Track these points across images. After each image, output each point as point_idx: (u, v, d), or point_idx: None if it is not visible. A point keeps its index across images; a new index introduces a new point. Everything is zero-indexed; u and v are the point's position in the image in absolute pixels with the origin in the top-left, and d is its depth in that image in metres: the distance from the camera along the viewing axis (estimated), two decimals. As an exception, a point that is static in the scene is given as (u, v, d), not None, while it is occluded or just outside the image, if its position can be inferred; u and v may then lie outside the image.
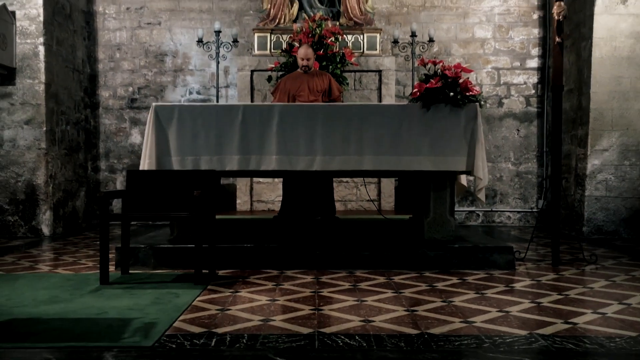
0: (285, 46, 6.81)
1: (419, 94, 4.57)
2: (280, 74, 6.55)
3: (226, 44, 7.36)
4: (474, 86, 4.64)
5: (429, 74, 4.64)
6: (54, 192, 6.84)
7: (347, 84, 6.73)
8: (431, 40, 7.39)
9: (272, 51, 7.13)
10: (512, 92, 8.04)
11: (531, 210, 7.90)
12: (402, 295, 3.60)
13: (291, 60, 6.47)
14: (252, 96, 7.18)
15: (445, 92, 4.50)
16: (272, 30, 7.20)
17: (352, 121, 4.54)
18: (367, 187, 6.92)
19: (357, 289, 3.79)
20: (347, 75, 6.75)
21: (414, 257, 4.52)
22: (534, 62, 8.01)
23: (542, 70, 7.98)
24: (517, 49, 8.02)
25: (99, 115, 8.12)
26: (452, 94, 4.49)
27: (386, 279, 4.11)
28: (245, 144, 4.54)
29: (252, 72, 7.17)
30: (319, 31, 6.54)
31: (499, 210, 8.03)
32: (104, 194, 4.03)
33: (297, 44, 6.46)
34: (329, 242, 4.71)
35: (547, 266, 4.69)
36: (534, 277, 4.23)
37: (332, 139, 4.53)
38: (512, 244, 5.23)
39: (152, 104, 4.70)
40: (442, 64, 4.66)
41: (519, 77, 8.02)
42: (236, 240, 4.74)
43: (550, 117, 7.11)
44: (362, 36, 7.17)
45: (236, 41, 7.33)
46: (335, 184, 6.48)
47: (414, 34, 7.33)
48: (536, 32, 7.98)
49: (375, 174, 5.96)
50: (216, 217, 4.42)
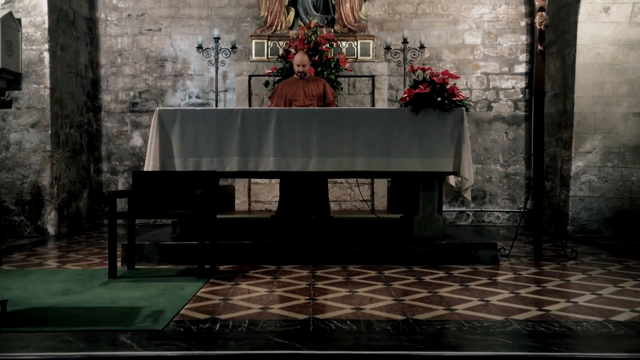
0: (281, 52, 7.07)
1: (408, 99, 4.85)
2: (277, 79, 6.81)
3: (225, 50, 7.62)
4: (460, 91, 4.92)
5: (418, 80, 4.92)
6: (58, 193, 7.09)
7: (342, 88, 7.00)
8: (422, 46, 7.67)
9: (269, 57, 7.39)
10: (500, 97, 8.33)
11: (519, 210, 8.18)
12: (392, 287, 3.87)
13: (287, 65, 6.74)
14: (249, 100, 7.43)
15: (433, 97, 4.78)
16: (269, 36, 7.47)
17: (346, 125, 4.82)
18: (360, 188, 7.18)
19: (349, 281, 4.05)
20: (341, 80, 7.03)
21: (404, 253, 4.79)
22: (521, 68, 8.31)
23: (530, 75, 8.27)
24: (506, 55, 8.31)
25: (101, 118, 8.37)
26: (439, 99, 4.77)
27: (377, 273, 4.37)
28: (244, 146, 4.80)
29: (250, 77, 7.42)
30: (314, 38, 6.81)
31: (489, 210, 8.31)
32: (112, 193, 4.29)
33: (293, 50, 6.72)
34: (324, 240, 4.97)
35: (530, 262, 4.96)
36: (516, 271, 4.50)
37: (326, 142, 4.80)
38: (500, 242, 5.49)
39: (155, 108, 4.98)
40: (431, 70, 4.94)
41: (508, 82, 8.32)
42: (236, 237, 5.00)
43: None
44: (355, 42, 7.44)
45: (234, 47, 7.60)
46: (330, 184, 6.75)
47: (405, 41, 7.62)
48: (524, 38, 8.28)
49: (367, 175, 6.23)
50: (216, 216, 4.68)
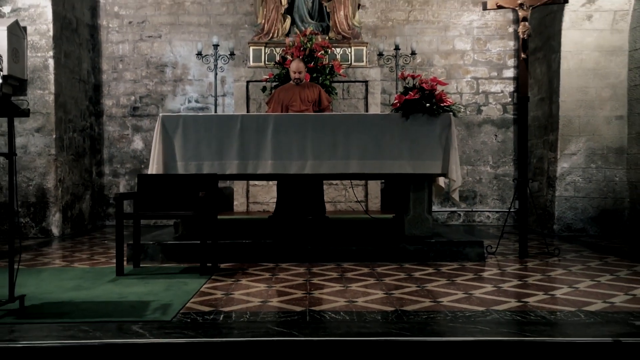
0: (278, 59, 7.33)
1: (399, 104, 5.11)
2: (274, 84, 7.07)
3: (223, 57, 7.88)
4: (448, 97, 5.20)
5: (408, 86, 5.18)
6: (62, 195, 7.33)
7: (336, 93, 7.27)
8: (414, 52, 7.94)
9: (267, 63, 7.64)
10: (490, 100, 8.61)
11: (508, 210, 8.42)
12: (383, 282, 4.13)
13: (284, 71, 6.99)
14: (247, 105, 7.68)
15: (422, 103, 5.05)
16: (266, 43, 7.72)
17: (340, 129, 5.08)
18: (355, 189, 7.44)
19: (343, 277, 4.31)
20: (336, 85, 7.29)
21: (395, 251, 5.05)
22: (510, 72, 8.59)
23: (518, 79, 8.52)
24: (495, 60, 8.59)
25: (103, 122, 8.61)
26: (428, 104, 5.04)
27: (370, 269, 4.63)
28: (243, 150, 5.06)
29: (248, 82, 7.66)
30: (309, 45, 7.08)
31: (479, 210, 8.59)
32: (120, 195, 4.54)
33: (289, 56, 6.98)
34: (320, 239, 5.23)
35: (515, 258, 5.23)
36: (501, 267, 4.77)
37: (321, 145, 5.06)
38: (488, 240, 5.77)
39: (155, 112, 5.25)
40: (420, 77, 5.21)
41: (497, 86, 8.60)
42: (235, 237, 5.26)
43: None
44: (349, 49, 7.70)
45: (233, 54, 7.86)
46: (325, 186, 7.00)
47: (397, 47, 7.89)
48: (512, 44, 8.56)
49: (360, 177, 6.46)
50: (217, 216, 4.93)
